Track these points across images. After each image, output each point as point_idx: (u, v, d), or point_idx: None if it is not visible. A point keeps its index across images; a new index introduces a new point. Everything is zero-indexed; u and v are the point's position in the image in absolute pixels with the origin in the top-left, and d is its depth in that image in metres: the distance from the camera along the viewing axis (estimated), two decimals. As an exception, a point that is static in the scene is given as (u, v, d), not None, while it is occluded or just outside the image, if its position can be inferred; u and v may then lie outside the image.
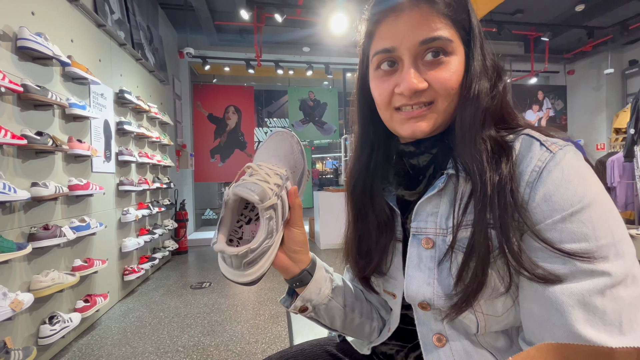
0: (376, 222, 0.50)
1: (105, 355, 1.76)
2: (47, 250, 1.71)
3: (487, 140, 0.41)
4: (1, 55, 1.48)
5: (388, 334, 0.52)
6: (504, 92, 0.45)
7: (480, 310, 0.40)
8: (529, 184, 0.38)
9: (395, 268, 0.49)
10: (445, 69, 0.41)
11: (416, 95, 0.42)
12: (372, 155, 0.52)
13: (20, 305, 1.38)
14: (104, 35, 2.47)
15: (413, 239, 0.45)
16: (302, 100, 5.64)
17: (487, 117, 0.43)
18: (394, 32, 0.42)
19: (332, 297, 0.53)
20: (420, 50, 0.41)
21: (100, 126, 2.37)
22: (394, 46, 0.42)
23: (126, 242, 2.63)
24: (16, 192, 1.41)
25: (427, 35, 0.40)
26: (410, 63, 0.42)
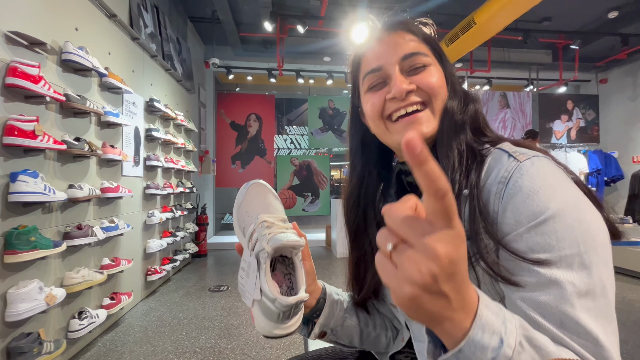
0: (371, 248, 0.53)
1: (128, 352, 1.83)
2: (79, 248, 1.82)
3: (462, 144, 0.45)
4: (48, 67, 1.62)
5: (402, 344, 0.53)
6: (477, 110, 0.50)
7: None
8: (497, 195, 0.39)
9: None
10: (429, 74, 0.47)
11: (408, 97, 0.46)
12: (363, 184, 0.55)
13: (54, 299, 1.48)
14: (137, 47, 2.64)
15: None
16: (321, 108, 5.71)
17: (463, 125, 0.47)
18: (379, 54, 0.48)
19: (346, 317, 0.56)
20: (404, 64, 0.47)
21: (131, 132, 2.51)
22: (380, 65, 0.48)
23: (150, 244, 2.74)
24: (55, 193, 1.52)
25: (407, 52, 0.47)
26: (397, 72, 0.47)
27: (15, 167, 1.40)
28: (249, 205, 0.52)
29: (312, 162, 5.66)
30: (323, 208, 5.62)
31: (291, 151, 6.07)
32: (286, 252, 0.47)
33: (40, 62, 1.50)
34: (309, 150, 6.01)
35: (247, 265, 0.46)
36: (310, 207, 5.61)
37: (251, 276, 0.45)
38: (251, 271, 0.45)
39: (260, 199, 0.53)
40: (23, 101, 1.46)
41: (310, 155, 5.86)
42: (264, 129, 5.59)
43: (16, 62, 1.37)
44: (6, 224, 1.36)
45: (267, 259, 0.44)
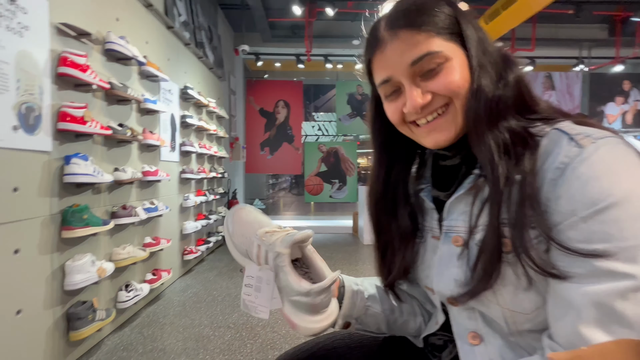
0: (398, 232, 0.52)
1: (169, 323, 1.98)
2: (124, 227, 1.96)
3: (501, 131, 0.41)
4: (94, 57, 1.72)
5: (437, 327, 0.52)
6: (518, 79, 0.44)
7: (506, 306, 0.40)
8: (552, 182, 0.36)
9: (434, 264, 0.50)
10: (445, 75, 0.42)
11: (426, 108, 0.44)
12: (393, 165, 0.54)
13: (105, 272, 1.61)
14: (172, 36, 2.72)
15: (445, 237, 0.47)
16: (350, 94, 5.61)
17: (499, 108, 0.42)
18: (385, 64, 0.44)
19: (369, 306, 0.56)
20: (415, 70, 0.43)
21: (168, 119, 2.62)
22: (389, 76, 0.44)
23: (186, 225, 2.89)
24: (103, 175, 1.64)
25: (415, 56, 0.42)
26: (409, 84, 0.43)
27: (68, 150, 1.52)
28: (241, 229, 0.53)
29: (340, 149, 5.62)
30: (350, 195, 5.61)
31: (319, 138, 6.07)
32: (296, 253, 0.50)
33: (87, 52, 1.60)
34: (336, 136, 5.97)
35: (257, 280, 0.48)
36: (338, 193, 5.62)
37: (264, 289, 0.47)
38: (264, 284, 0.47)
39: (250, 219, 0.55)
40: (73, 89, 1.57)
41: (338, 142, 5.82)
42: (292, 116, 5.62)
43: (67, 52, 1.47)
44: (62, 203, 1.49)
45: (286, 260, 0.46)
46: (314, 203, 7.73)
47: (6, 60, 1.21)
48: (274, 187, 9.20)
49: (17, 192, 1.26)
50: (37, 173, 1.36)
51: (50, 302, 1.42)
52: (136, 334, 1.85)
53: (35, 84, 1.34)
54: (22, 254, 1.28)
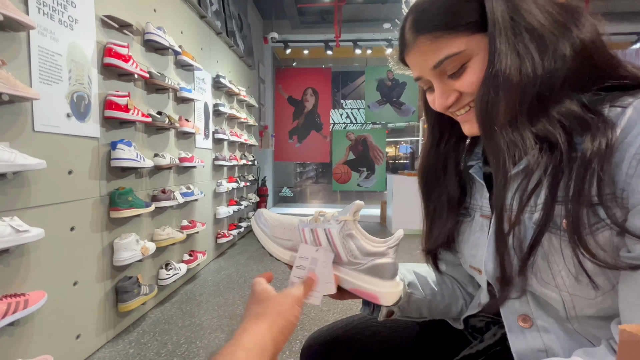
0: (446, 202, 0.53)
1: (205, 301, 2.10)
2: (164, 210, 2.08)
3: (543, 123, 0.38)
4: (135, 48, 1.80)
5: (479, 308, 0.51)
6: (588, 41, 0.38)
7: (566, 289, 0.38)
8: (636, 155, 0.33)
9: (482, 244, 0.48)
10: (469, 74, 0.42)
11: (455, 105, 0.45)
12: (444, 136, 0.54)
13: (147, 250, 1.73)
14: (205, 25, 2.78)
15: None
16: (379, 80, 5.46)
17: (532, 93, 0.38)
18: (413, 65, 0.47)
19: (411, 293, 0.56)
20: (440, 71, 0.43)
21: (201, 108, 2.71)
22: (418, 75, 0.47)
23: (219, 210, 3.02)
24: (144, 161, 1.74)
25: (435, 61, 0.42)
26: (437, 83, 0.45)
27: (114, 137, 1.63)
28: (280, 223, 0.52)
29: (368, 137, 5.53)
30: (378, 184, 5.53)
31: (347, 125, 6.00)
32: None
33: (128, 42, 1.68)
34: (365, 124, 5.87)
35: (312, 261, 0.47)
36: (365, 182, 5.56)
37: (320, 272, 0.47)
38: (319, 267, 0.47)
39: (279, 216, 0.54)
40: (117, 79, 1.66)
41: (366, 129, 5.72)
42: (320, 103, 5.59)
43: (111, 43, 1.55)
44: (110, 186, 1.61)
45: (355, 226, 0.46)
46: (341, 192, 7.72)
47: (59, 52, 1.31)
48: (302, 176, 9.30)
49: (71, 174, 1.37)
50: (88, 157, 1.47)
51: (102, 276, 1.56)
52: (176, 309, 1.98)
53: (84, 73, 1.44)
54: (77, 231, 1.41)
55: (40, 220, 1.22)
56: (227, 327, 1.77)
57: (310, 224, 0.48)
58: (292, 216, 0.54)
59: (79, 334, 1.41)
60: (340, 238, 0.46)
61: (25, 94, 1.10)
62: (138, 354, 1.51)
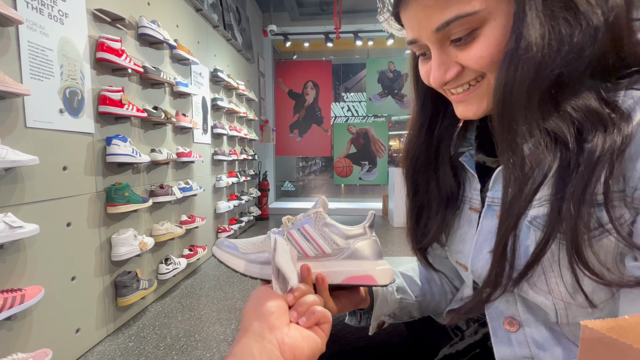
0: (438, 192, 0.47)
1: (204, 295, 2.11)
2: (162, 205, 2.09)
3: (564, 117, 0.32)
4: (128, 42, 1.79)
5: (461, 303, 0.49)
6: (618, 14, 0.31)
7: (561, 298, 0.34)
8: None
9: (470, 240, 0.45)
10: (479, 45, 0.34)
11: (454, 80, 0.37)
12: (437, 123, 0.47)
13: (146, 245, 1.74)
14: (201, 19, 2.75)
15: (487, 210, 0.41)
16: (381, 72, 5.39)
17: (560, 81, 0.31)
18: (411, 23, 0.37)
19: (401, 298, 0.53)
20: (443, 35, 0.35)
21: (199, 102, 2.70)
22: (414, 38, 0.38)
23: (219, 205, 3.02)
24: (141, 156, 1.74)
25: (441, 21, 0.34)
26: (435, 51, 0.37)
27: (109, 132, 1.63)
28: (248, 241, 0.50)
29: (370, 130, 5.49)
30: (380, 177, 5.50)
31: (348, 119, 5.96)
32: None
33: (121, 36, 1.66)
34: (366, 117, 5.82)
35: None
36: (367, 175, 5.54)
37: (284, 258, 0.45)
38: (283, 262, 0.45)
39: (244, 239, 0.51)
40: (110, 74, 1.65)
41: (368, 122, 5.67)
42: (320, 97, 5.54)
43: (103, 38, 1.54)
44: (106, 181, 1.61)
45: (326, 216, 0.46)
46: (344, 185, 7.71)
47: (50, 47, 1.30)
48: (304, 170, 9.29)
49: (66, 170, 1.37)
50: (83, 153, 1.47)
51: (100, 271, 1.57)
52: (176, 303, 2.00)
53: (76, 69, 1.43)
54: (74, 227, 1.41)
55: (35, 216, 1.22)
56: (226, 321, 1.78)
57: (282, 230, 0.47)
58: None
59: (78, 328, 1.43)
60: (318, 230, 0.45)
61: (16, 90, 1.09)
62: (137, 347, 1.53)
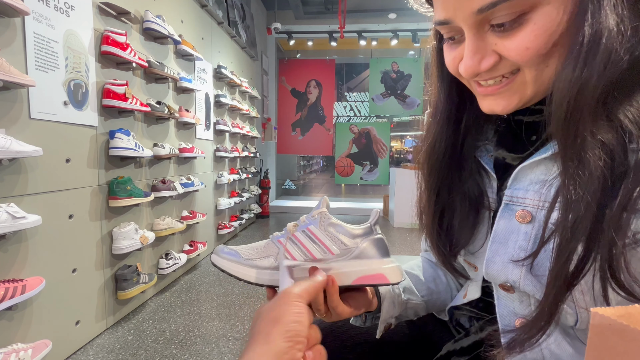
0: (464, 193, 0.43)
1: (204, 290, 2.12)
2: (163, 200, 2.09)
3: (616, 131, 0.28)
4: (133, 36, 1.79)
5: (463, 300, 0.49)
6: None
7: (584, 305, 0.32)
8: None
9: (480, 239, 0.43)
10: (524, 33, 0.29)
11: (488, 72, 0.33)
12: (464, 115, 0.43)
13: (147, 240, 1.75)
14: (206, 15, 2.75)
15: (505, 209, 0.38)
16: (384, 72, 5.38)
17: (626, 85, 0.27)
18: (446, 2, 0.32)
19: (408, 299, 0.51)
20: (484, 18, 0.30)
21: (202, 98, 2.70)
22: (447, 18, 0.33)
23: (220, 201, 3.03)
24: (143, 150, 1.74)
25: (485, 1, 0.29)
26: (471, 37, 0.32)
27: (113, 126, 1.63)
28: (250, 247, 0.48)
29: (372, 130, 5.48)
30: (382, 177, 5.50)
31: (351, 118, 5.95)
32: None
33: (126, 30, 1.66)
34: (369, 117, 5.82)
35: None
36: (368, 175, 5.53)
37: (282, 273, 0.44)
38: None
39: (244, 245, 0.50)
40: (115, 67, 1.65)
41: (370, 122, 5.67)
42: (323, 96, 5.54)
43: (108, 31, 1.54)
44: (108, 175, 1.61)
45: (331, 216, 0.45)
46: (345, 185, 7.70)
47: (56, 39, 1.30)
48: (305, 169, 9.29)
49: (69, 163, 1.38)
50: (86, 146, 1.47)
51: (101, 264, 1.57)
52: (175, 298, 2.00)
53: (81, 61, 1.43)
54: (76, 219, 1.42)
55: (37, 207, 1.22)
56: (225, 317, 1.78)
57: (286, 233, 0.46)
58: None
59: (78, 320, 1.43)
60: (323, 231, 0.44)
61: (21, 81, 1.09)
62: (137, 341, 1.53)
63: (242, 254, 0.48)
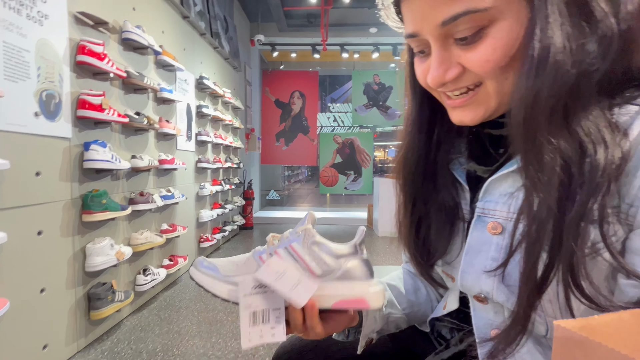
0: (440, 204, 0.44)
1: (184, 307, 2.04)
2: (142, 213, 2.02)
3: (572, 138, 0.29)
4: (111, 46, 1.75)
5: (443, 311, 0.49)
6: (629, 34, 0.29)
7: (553, 314, 0.33)
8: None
9: (456, 250, 0.44)
10: (484, 46, 0.31)
11: (453, 83, 0.35)
12: (436, 126, 0.44)
13: (123, 255, 1.67)
14: (188, 26, 2.74)
15: (477, 221, 0.39)
16: (366, 84, 5.51)
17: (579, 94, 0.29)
18: (413, 15, 0.34)
19: (389, 313, 0.51)
20: (448, 31, 0.32)
21: (184, 109, 2.66)
22: (415, 31, 0.35)
23: (202, 213, 2.96)
24: (120, 162, 1.69)
25: (449, 14, 0.31)
26: (437, 48, 0.34)
27: (88, 137, 1.57)
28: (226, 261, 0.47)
29: (355, 140, 5.56)
30: (365, 187, 5.55)
31: (334, 129, 6.02)
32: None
33: (104, 40, 1.63)
34: (352, 127, 5.90)
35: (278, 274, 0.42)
36: (353, 185, 5.57)
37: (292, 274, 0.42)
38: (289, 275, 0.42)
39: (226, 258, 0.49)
40: (91, 77, 1.61)
41: (353, 132, 5.75)
42: (307, 106, 5.59)
43: (84, 41, 1.50)
44: (82, 188, 1.55)
45: (315, 233, 0.43)
46: (330, 195, 7.73)
47: (27, 48, 1.25)
48: (290, 179, 9.25)
49: (39, 176, 1.31)
50: (58, 158, 1.41)
51: (72, 282, 1.49)
52: (153, 316, 1.91)
53: (55, 71, 1.38)
54: (45, 236, 1.34)
55: (3, 223, 1.15)
56: (206, 334, 1.72)
57: (268, 249, 0.44)
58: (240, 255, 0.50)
59: (46, 344, 1.34)
60: (306, 249, 0.42)
61: (-13, 91, 1.04)
62: (110, 364, 1.45)
63: (221, 269, 0.46)
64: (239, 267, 0.46)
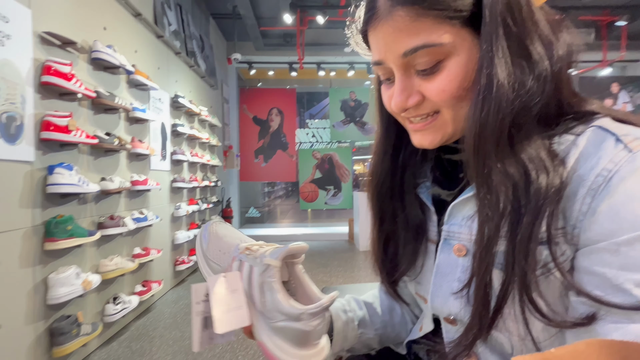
0: (406, 223, 0.46)
1: (158, 336, 1.92)
2: (112, 238, 1.92)
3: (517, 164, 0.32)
4: (80, 66, 1.70)
5: (420, 333, 0.49)
6: (560, 74, 0.34)
7: (517, 334, 0.34)
8: (590, 191, 0.30)
9: (428, 272, 0.45)
10: (441, 77, 0.35)
11: (414, 109, 0.37)
12: (401, 149, 0.46)
13: (90, 284, 1.57)
14: (162, 45, 2.72)
15: (444, 244, 0.41)
16: (343, 100, 5.64)
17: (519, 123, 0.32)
18: (378, 45, 0.37)
19: (362, 333, 0.51)
20: (409, 62, 0.35)
21: (158, 128, 2.60)
22: (380, 59, 0.38)
23: (178, 235, 2.85)
24: (88, 185, 1.61)
25: (409, 46, 0.34)
26: (399, 76, 0.37)
27: (52, 160, 1.49)
28: (218, 243, 0.46)
29: (334, 155, 5.62)
30: (345, 201, 5.58)
31: (313, 145, 6.07)
32: (283, 274, 0.42)
33: (72, 60, 1.58)
34: (331, 143, 5.98)
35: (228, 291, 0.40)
36: (333, 200, 5.59)
37: (236, 291, 0.40)
38: (226, 295, 0.40)
39: (228, 233, 0.48)
40: (58, 98, 1.54)
41: (332, 148, 5.82)
42: (285, 123, 5.62)
43: (50, 61, 1.45)
44: (45, 214, 1.45)
45: (277, 275, 0.39)
46: (312, 210, 7.70)
47: (-14, 69, 1.19)
48: (270, 195, 9.15)
49: (-4, 203, 1.22)
50: (19, 183, 1.33)
51: (32, 317, 1.37)
52: (124, 348, 1.79)
53: (17, 92, 1.32)
54: (1, 267, 1.24)
55: (-48, 257, 1.06)
56: (182, 364, 1.62)
57: (243, 255, 0.42)
58: (242, 235, 0.48)
59: (-1, 389, 1.22)
60: (259, 282, 0.39)
61: (-62, 115, 0.97)
62: (74, 406, 1.33)
63: (208, 245, 0.46)
64: (219, 254, 0.46)
